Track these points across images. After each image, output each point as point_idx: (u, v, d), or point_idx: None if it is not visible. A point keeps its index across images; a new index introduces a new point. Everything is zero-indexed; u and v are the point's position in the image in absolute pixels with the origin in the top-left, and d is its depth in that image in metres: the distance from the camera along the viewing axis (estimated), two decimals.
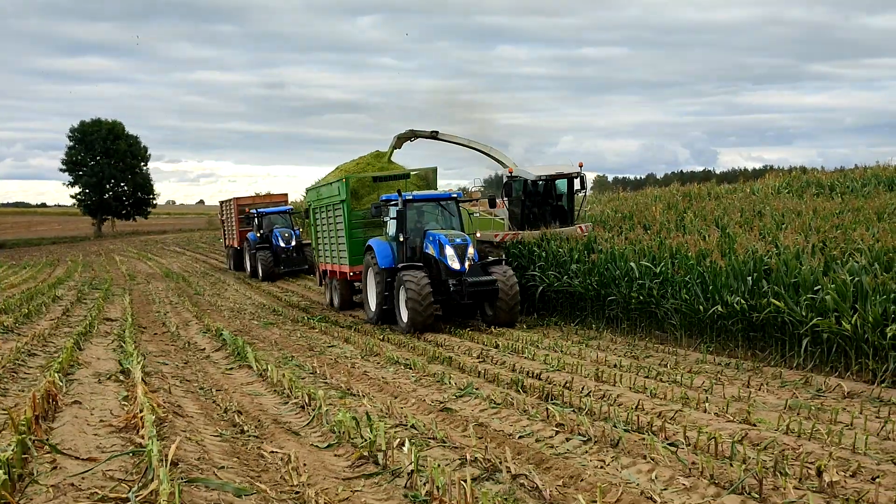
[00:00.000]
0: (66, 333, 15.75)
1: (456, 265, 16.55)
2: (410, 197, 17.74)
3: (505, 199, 20.10)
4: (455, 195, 18.55)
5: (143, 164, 79.36)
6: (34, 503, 4.78)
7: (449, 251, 16.59)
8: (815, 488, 6.23)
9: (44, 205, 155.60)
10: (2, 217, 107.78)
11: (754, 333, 13.20)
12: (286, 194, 40.29)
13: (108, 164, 75.51)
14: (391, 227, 18.13)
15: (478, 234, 18.64)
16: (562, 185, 20.52)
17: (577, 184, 20.17)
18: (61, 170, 76.30)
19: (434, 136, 22.80)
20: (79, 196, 76.90)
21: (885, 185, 27.06)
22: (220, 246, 54.51)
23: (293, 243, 32.09)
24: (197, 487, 5.28)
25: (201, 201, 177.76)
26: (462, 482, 5.15)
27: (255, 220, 33.70)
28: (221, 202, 40.70)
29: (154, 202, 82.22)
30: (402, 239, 17.39)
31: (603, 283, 16.79)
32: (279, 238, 32.05)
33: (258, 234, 33.19)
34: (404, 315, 16.59)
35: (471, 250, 16.82)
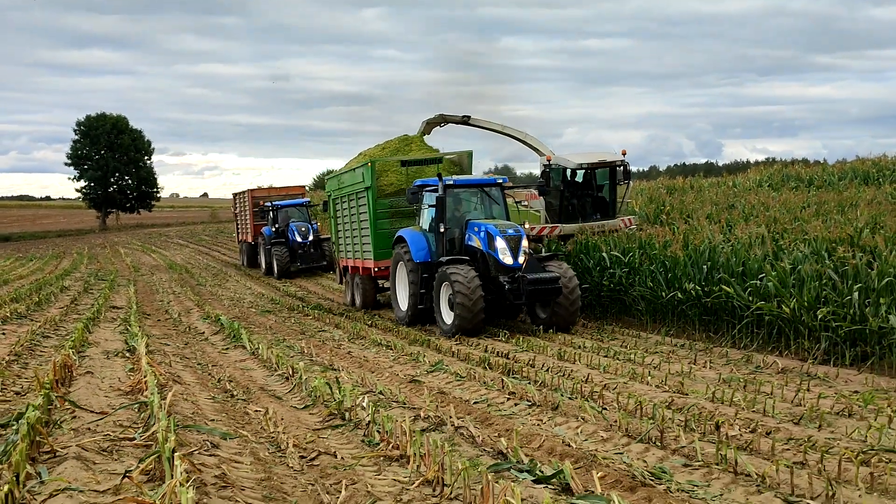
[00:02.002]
0: (76, 319, 16.94)
1: (508, 260, 14.79)
2: (451, 182, 15.96)
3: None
4: (501, 181, 16.70)
5: (146, 157, 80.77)
6: (60, 441, 5.97)
7: (500, 244, 14.82)
8: (713, 440, 7.37)
9: (48, 198, 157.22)
10: (7, 210, 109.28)
11: (708, 317, 14.37)
12: (304, 186, 38.30)
13: (112, 157, 76.94)
14: (427, 216, 16.36)
15: (526, 225, 16.27)
16: (602, 174, 19.28)
17: (620, 173, 18.85)
18: (66, 164, 77.79)
19: (465, 121, 21.62)
20: (84, 189, 78.28)
21: (861, 179, 28.19)
22: (224, 239, 55.49)
23: (310, 238, 30.32)
24: (190, 432, 6.48)
25: (205, 194, 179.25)
26: (402, 425, 6.35)
27: (270, 213, 31.97)
28: (235, 194, 38.78)
29: (158, 195, 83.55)
30: (442, 229, 15.56)
31: (577, 272, 17.89)
32: (295, 232, 30.33)
33: (273, 229, 31.39)
34: (448, 317, 14.87)
35: (525, 243, 15.08)
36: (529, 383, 10.21)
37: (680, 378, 10.46)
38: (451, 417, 7.62)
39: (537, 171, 20.23)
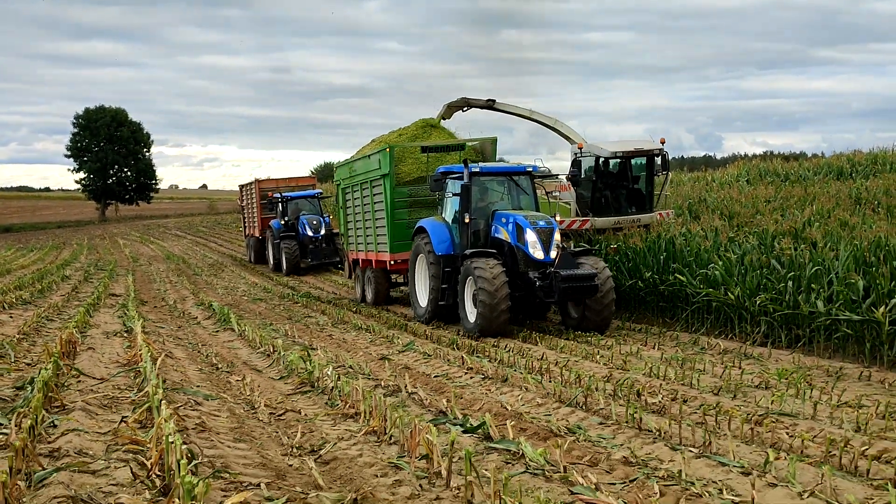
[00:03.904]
0: (77, 305, 18.04)
1: (539, 254, 13.90)
2: (478, 169, 15.01)
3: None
4: (531, 169, 15.53)
5: (145, 150, 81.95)
6: (68, 398, 7.10)
7: (530, 236, 13.92)
8: (632, 405, 8.47)
9: (47, 189, 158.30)
10: (7, 201, 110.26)
11: (664, 303, 15.51)
12: (315, 177, 36.85)
13: (111, 149, 78.14)
14: (450, 206, 15.41)
15: (557, 218, 15.08)
16: (638, 164, 18.32)
17: (657, 163, 17.70)
18: (66, 155, 79.00)
19: (490, 105, 20.56)
20: (83, 181, 79.47)
21: (835, 174, 29.31)
22: (221, 230, 56.41)
23: (322, 232, 28.55)
24: (178, 393, 7.62)
25: (204, 185, 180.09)
26: (356, 388, 7.49)
27: (279, 205, 30.32)
28: (241, 186, 36.77)
29: (156, 187, 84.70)
30: (467, 220, 14.60)
31: None
32: (306, 226, 28.58)
33: (282, 222, 29.74)
34: (471, 314, 13.92)
35: (557, 236, 14.21)
36: (488, 360, 11.33)
37: (625, 357, 11.56)
38: (406, 385, 8.75)
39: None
